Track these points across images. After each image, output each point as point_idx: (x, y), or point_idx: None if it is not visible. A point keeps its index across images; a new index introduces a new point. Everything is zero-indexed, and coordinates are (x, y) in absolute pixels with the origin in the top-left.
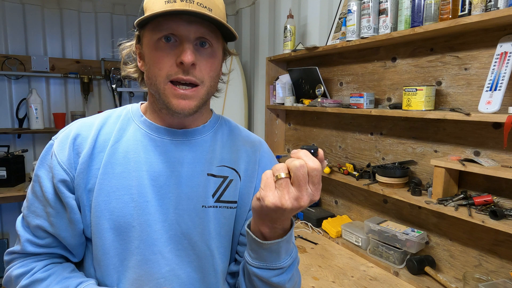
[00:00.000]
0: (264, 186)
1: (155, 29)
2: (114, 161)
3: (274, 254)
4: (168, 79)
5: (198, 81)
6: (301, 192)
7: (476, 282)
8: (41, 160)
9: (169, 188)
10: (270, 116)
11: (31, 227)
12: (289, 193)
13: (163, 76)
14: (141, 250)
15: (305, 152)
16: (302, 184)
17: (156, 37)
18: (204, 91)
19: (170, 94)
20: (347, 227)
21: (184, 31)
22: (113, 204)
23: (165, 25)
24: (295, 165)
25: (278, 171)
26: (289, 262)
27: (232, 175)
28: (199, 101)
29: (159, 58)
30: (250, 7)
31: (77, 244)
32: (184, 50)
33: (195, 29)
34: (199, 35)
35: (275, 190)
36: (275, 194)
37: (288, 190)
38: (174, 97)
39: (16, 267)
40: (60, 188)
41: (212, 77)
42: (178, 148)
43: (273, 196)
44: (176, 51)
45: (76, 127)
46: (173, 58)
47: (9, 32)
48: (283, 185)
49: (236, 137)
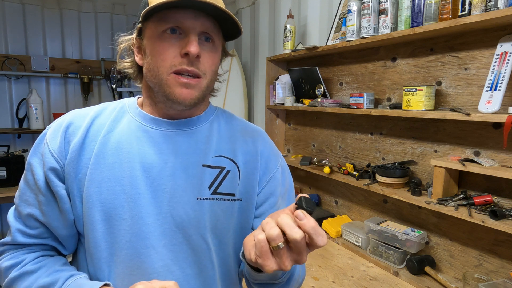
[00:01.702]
0: (260, 254)
1: (161, 21)
2: (105, 151)
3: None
4: (171, 69)
5: (201, 73)
6: (302, 256)
7: (476, 282)
8: (34, 149)
9: (163, 180)
10: (270, 116)
11: (22, 217)
12: (288, 258)
13: (167, 67)
14: (133, 243)
15: (313, 225)
16: (303, 251)
17: (161, 28)
18: (205, 83)
19: (173, 84)
20: (347, 227)
21: (190, 23)
22: (104, 195)
23: (172, 17)
24: (296, 239)
25: (274, 241)
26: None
27: (229, 166)
28: (200, 93)
29: (163, 49)
30: (250, 7)
31: (68, 235)
32: (190, 41)
33: (201, 23)
34: (204, 29)
35: (273, 257)
36: (274, 262)
37: (287, 256)
38: (177, 86)
39: (6, 259)
40: (50, 177)
41: (213, 71)
42: (173, 139)
43: (272, 264)
44: (180, 43)
45: (70, 116)
46: (177, 49)
47: (9, 32)
48: (281, 254)
49: (234, 127)
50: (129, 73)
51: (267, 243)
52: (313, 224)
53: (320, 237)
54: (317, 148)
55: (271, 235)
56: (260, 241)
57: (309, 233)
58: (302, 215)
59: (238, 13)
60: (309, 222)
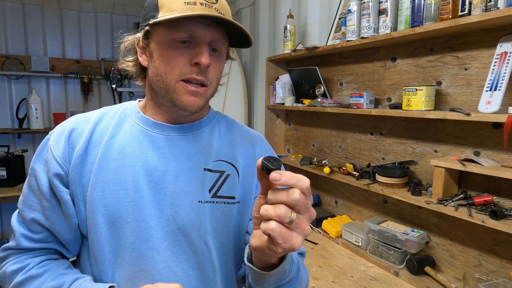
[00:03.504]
0: (284, 239)
1: (172, 28)
2: (109, 156)
3: (281, 273)
4: (180, 77)
5: (208, 82)
6: (310, 211)
7: (476, 282)
8: (38, 154)
9: (165, 184)
10: (270, 116)
11: (26, 221)
12: (304, 222)
13: (176, 74)
14: (136, 246)
15: (291, 175)
16: (308, 205)
17: (172, 36)
18: (211, 91)
19: (181, 92)
20: (347, 227)
21: (202, 33)
22: (107, 199)
23: (184, 26)
24: (297, 199)
25: (286, 217)
26: (295, 271)
27: (229, 169)
28: (205, 101)
29: (172, 57)
30: (250, 7)
31: (72, 239)
32: (201, 52)
33: (212, 34)
34: (214, 39)
35: (294, 233)
36: (297, 236)
37: (303, 221)
38: (186, 93)
39: (11, 263)
40: (54, 182)
41: (218, 79)
42: (174, 143)
43: (297, 239)
44: (190, 52)
45: (73, 121)
46: (187, 58)
47: (9, 32)
48: (298, 222)
49: (234, 132)
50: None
51: (281, 225)
52: (290, 175)
53: (303, 180)
54: (317, 148)
55: (280, 214)
56: (274, 229)
57: (292, 185)
58: (278, 176)
59: (238, 13)
60: (287, 176)
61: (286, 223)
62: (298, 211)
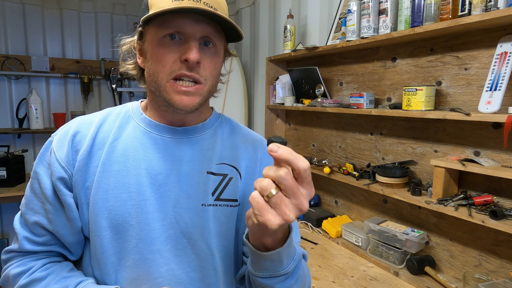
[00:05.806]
0: (259, 210)
1: (161, 26)
2: (112, 159)
3: (276, 262)
4: (171, 76)
5: (202, 78)
6: (298, 198)
7: (476, 282)
8: (40, 157)
9: (168, 187)
10: (270, 116)
11: (29, 224)
12: (287, 206)
13: (166, 73)
14: (139, 249)
15: (289, 151)
16: (296, 190)
17: (161, 34)
18: (206, 89)
19: (171, 92)
20: (347, 227)
21: (190, 29)
22: (111, 202)
23: (172, 23)
24: (281, 176)
25: (266, 190)
26: (292, 267)
27: (232, 173)
28: (201, 99)
29: (162, 55)
30: (250, 7)
31: (75, 241)
32: (190, 48)
33: (202, 28)
34: (205, 34)
35: (272, 210)
36: (275, 214)
37: (285, 203)
38: (176, 93)
39: (14, 266)
40: (58, 186)
41: (214, 76)
42: (178, 146)
43: (274, 217)
44: (180, 49)
45: (75, 124)
46: (177, 55)
47: (9, 32)
48: (278, 201)
49: (237, 135)
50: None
51: (261, 197)
52: (289, 150)
53: (301, 160)
54: (317, 148)
55: (262, 186)
56: (254, 197)
57: (288, 160)
58: (275, 147)
59: (238, 13)
60: (284, 150)
61: (265, 196)
62: (283, 191)
